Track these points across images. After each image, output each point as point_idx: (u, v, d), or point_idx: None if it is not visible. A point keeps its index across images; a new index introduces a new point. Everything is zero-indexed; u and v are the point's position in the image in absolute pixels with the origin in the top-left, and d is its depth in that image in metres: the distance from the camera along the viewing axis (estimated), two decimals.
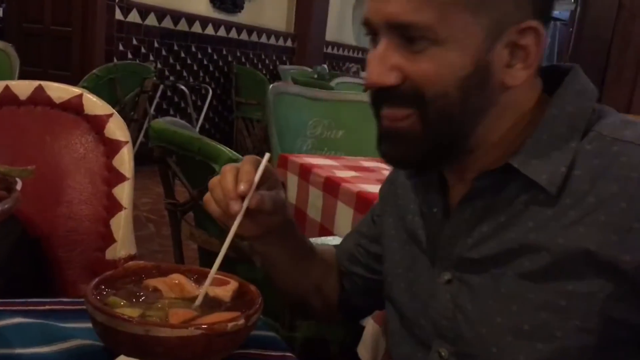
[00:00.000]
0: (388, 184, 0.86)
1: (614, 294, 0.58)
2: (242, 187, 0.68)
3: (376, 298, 0.89)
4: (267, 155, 0.72)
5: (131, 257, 1.04)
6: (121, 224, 1.03)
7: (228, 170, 0.70)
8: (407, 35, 0.62)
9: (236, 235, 0.71)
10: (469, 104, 0.63)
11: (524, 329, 0.62)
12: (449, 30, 0.61)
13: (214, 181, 0.71)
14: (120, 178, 1.04)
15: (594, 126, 0.63)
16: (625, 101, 3.17)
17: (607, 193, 0.59)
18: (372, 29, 0.65)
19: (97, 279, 0.63)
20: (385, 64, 0.63)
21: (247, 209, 0.68)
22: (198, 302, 0.63)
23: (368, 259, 0.88)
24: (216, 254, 1.44)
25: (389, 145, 0.68)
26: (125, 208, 1.04)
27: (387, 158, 0.69)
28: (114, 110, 1.08)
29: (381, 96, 0.65)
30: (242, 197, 0.68)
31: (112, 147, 1.05)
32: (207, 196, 0.72)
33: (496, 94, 0.64)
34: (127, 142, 1.05)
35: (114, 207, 1.04)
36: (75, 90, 1.07)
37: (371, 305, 0.93)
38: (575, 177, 0.61)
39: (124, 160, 1.04)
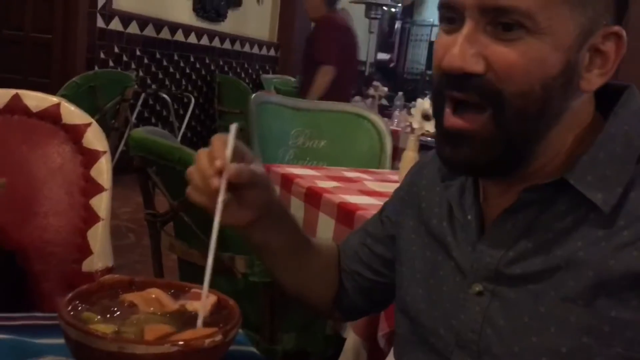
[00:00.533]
0: (408, 187, 0.83)
1: None
2: (217, 162, 0.66)
3: (375, 299, 0.88)
4: (234, 127, 0.69)
5: (108, 269, 1.02)
6: (98, 236, 1.02)
7: (201, 153, 0.70)
8: (502, 21, 0.58)
9: (228, 225, 0.70)
10: (550, 106, 0.60)
11: (561, 351, 0.60)
12: (549, 21, 0.57)
13: (190, 169, 0.70)
14: (97, 189, 1.02)
15: None
16: None
17: None
18: (455, 11, 0.60)
19: (71, 294, 0.61)
20: (472, 48, 0.59)
21: (229, 184, 0.67)
22: (199, 324, 0.61)
23: (371, 259, 0.86)
24: (197, 265, 1.42)
25: (453, 148, 0.63)
26: (102, 219, 1.02)
27: (449, 162, 0.65)
28: (93, 120, 1.07)
29: (456, 84, 0.60)
30: (220, 172, 0.66)
31: (90, 157, 1.03)
32: (189, 188, 0.71)
33: (573, 98, 0.61)
34: (105, 152, 1.04)
35: (91, 218, 1.02)
36: (53, 99, 1.06)
37: (370, 305, 0.91)
38: (631, 199, 0.59)
39: (102, 171, 1.03)
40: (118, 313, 0.62)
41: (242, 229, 0.76)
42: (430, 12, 9.50)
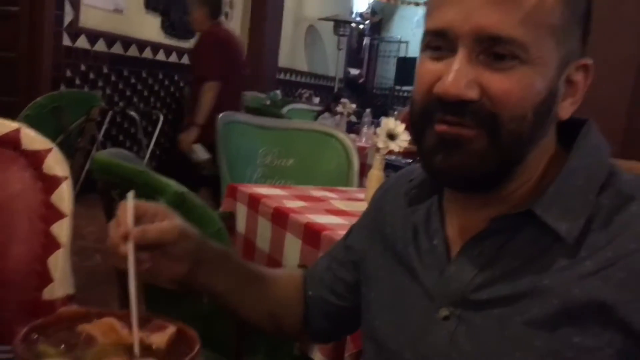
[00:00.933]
0: (373, 212, 0.84)
1: (622, 351, 0.58)
2: (120, 229, 0.69)
3: (342, 323, 0.89)
4: (130, 194, 0.72)
5: (69, 297, 1.00)
6: (59, 263, 1.00)
7: (110, 224, 0.72)
8: (496, 51, 0.60)
9: (167, 284, 0.73)
10: (538, 130, 0.63)
11: None
12: (539, 52, 0.60)
13: (107, 241, 0.72)
14: (58, 215, 1.01)
15: (610, 181, 0.64)
16: None
17: (626, 250, 0.59)
18: (446, 39, 0.62)
19: (27, 327, 0.60)
20: (466, 76, 0.61)
21: (140, 245, 0.69)
22: (136, 350, 0.61)
23: (335, 284, 0.87)
24: (163, 289, 1.41)
25: (447, 154, 0.63)
26: (63, 246, 1.00)
27: (441, 170, 0.65)
28: (54, 145, 1.05)
29: (451, 110, 0.62)
30: (126, 238, 0.69)
31: (50, 183, 1.02)
32: (113, 257, 0.72)
33: (550, 125, 0.65)
34: (66, 178, 1.03)
35: (52, 245, 1.00)
36: (13, 125, 1.04)
37: (337, 329, 0.92)
38: (593, 230, 0.61)
39: (63, 197, 1.01)
40: (75, 346, 0.61)
41: (181, 283, 0.77)
42: (398, 29, 9.64)
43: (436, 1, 0.64)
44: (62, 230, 1.00)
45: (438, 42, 0.63)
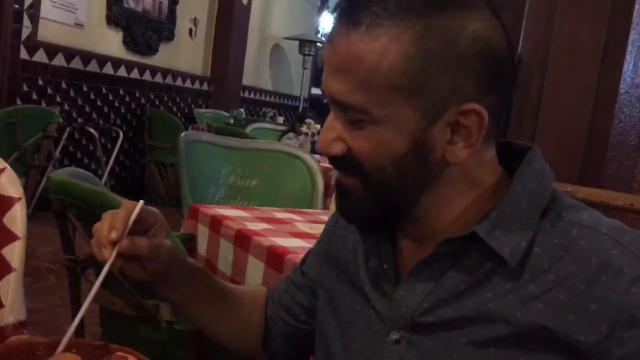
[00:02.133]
0: (327, 237, 0.87)
1: None
2: (113, 234, 0.70)
3: (299, 345, 0.90)
4: (140, 203, 0.73)
5: (20, 323, 0.96)
6: (10, 287, 0.96)
7: (106, 216, 0.72)
8: (348, 114, 0.65)
9: (130, 279, 0.75)
10: (407, 178, 0.66)
11: None
12: (384, 111, 0.63)
13: (96, 226, 0.73)
14: (10, 237, 0.97)
15: (552, 206, 0.65)
16: None
17: (567, 273, 0.61)
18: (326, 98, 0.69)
19: None
20: (332, 134, 0.67)
21: (121, 254, 0.70)
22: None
23: (292, 306, 0.89)
24: (119, 314, 1.36)
25: (339, 199, 0.72)
26: (15, 270, 0.96)
27: (339, 211, 0.74)
28: (7, 165, 1.01)
29: (331, 161, 0.70)
30: (114, 244, 0.70)
31: (3, 204, 0.98)
32: (92, 241, 0.73)
33: (438, 168, 0.66)
34: (19, 199, 0.99)
35: (3, 269, 0.96)
36: None
37: (295, 351, 0.92)
38: (535, 253, 0.63)
39: (16, 219, 0.97)
40: None
41: (145, 285, 0.80)
42: None
43: None
44: (14, 253, 0.96)
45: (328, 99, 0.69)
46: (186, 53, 6.18)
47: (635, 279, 0.59)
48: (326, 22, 9.00)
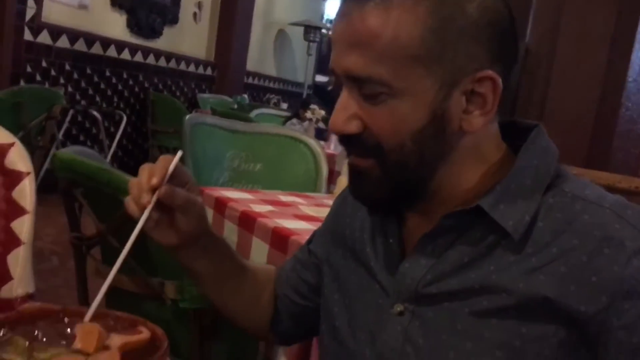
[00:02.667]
0: (334, 216, 0.88)
1: (565, 340, 0.61)
2: (153, 180, 0.70)
3: (306, 323, 0.90)
4: (179, 153, 0.75)
5: (29, 296, 0.97)
6: (19, 261, 0.96)
7: (144, 168, 0.73)
8: (364, 88, 0.65)
9: (155, 241, 0.75)
10: (426, 153, 0.66)
11: None
12: (404, 83, 0.63)
13: (132, 180, 0.74)
14: (20, 211, 0.97)
15: (556, 182, 0.67)
16: None
17: (569, 246, 0.62)
18: (336, 77, 0.68)
19: None
20: (346, 112, 0.66)
21: (160, 202, 0.71)
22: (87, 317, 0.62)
23: (299, 284, 0.89)
24: (125, 292, 1.37)
25: (354, 183, 0.71)
26: (24, 243, 0.97)
27: (353, 195, 0.73)
28: (16, 139, 1.02)
29: (345, 142, 0.69)
30: (154, 190, 0.71)
31: (12, 179, 0.98)
32: (127, 198, 0.74)
33: (455, 139, 0.67)
34: (29, 174, 0.99)
35: (12, 242, 0.96)
36: None
37: (302, 330, 0.93)
38: (538, 227, 0.64)
39: (25, 193, 0.98)
40: (39, 342, 0.59)
41: (167, 249, 0.79)
42: None
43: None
44: (23, 226, 0.97)
45: (336, 79, 0.69)
46: (190, 37, 6.16)
47: (637, 251, 0.60)
48: (331, 8, 8.96)
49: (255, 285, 0.90)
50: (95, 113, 4.80)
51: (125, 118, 5.06)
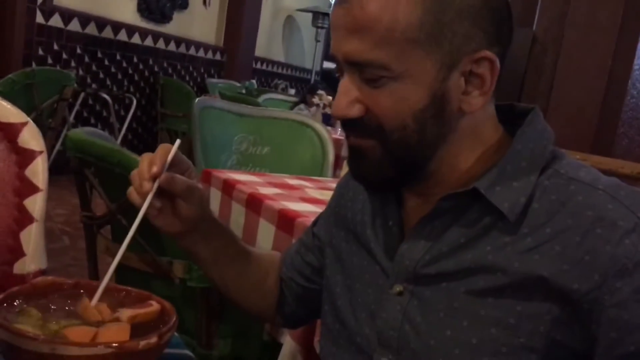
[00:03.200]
0: (337, 199, 0.89)
1: (558, 318, 0.63)
2: (153, 168, 0.72)
3: (311, 305, 0.92)
4: (177, 141, 0.76)
5: (41, 272, 0.99)
6: (32, 237, 0.99)
7: (144, 157, 0.75)
8: (365, 72, 0.66)
9: (158, 229, 0.77)
10: (427, 133, 0.68)
11: (472, 342, 0.66)
12: (404, 66, 0.65)
13: (133, 171, 0.75)
14: (32, 189, 0.99)
15: (551, 164, 0.68)
16: None
17: (563, 226, 0.63)
18: (337, 63, 0.69)
19: (2, 295, 0.61)
20: (348, 97, 0.68)
21: (161, 190, 0.73)
22: (94, 301, 0.64)
23: (303, 267, 0.91)
24: (134, 270, 1.40)
25: (355, 164, 0.73)
26: (36, 220, 0.99)
27: (353, 175, 0.74)
28: (29, 119, 1.04)
29: (346, 125, 0.70)
30: (155, 178, 0.73)
31: (25, 157, 1.00)
32: (130, 188, 0.76)
33: (454, 120, 0.68)
34: (41, 152, 1.01)
35: (25, 219, 0.99)
36: None
37: (307, 312, 0.95)
38: (533, 208, 0.65)
39: (38, 171, 1.00)
40: (51, 314, 0.61)
41: (171, 236, 0.81)
42: None
43: None
44: (35, 204, 0.99)
45: (336, 64, 0.70)
46: (200, 22, 6.16)
47: (629, 230, 0.61)
48: None
49: (259, 269, 0.92)
50: (105, 96, 4.83)
51: (135, 101, 5.09)
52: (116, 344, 0.55)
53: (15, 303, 0.61)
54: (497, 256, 0.65)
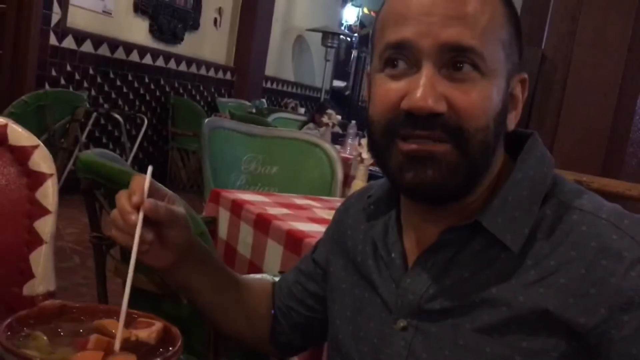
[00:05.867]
0: (336, 226, 0.87)
1: (565, 353, 0.61)
2: (134, 198, 0.70)
3: (310, 334, 0.91)
4: (150, 168, 0.73)
5: (50, 294, 1.00)
6: (41, 259, 1.00)
7: (120, 194, 0.72)
8: (458, 59, 0.63)
9: (150, 266, 0.74)
10: (498, 139, 0.66)
11: None
12: (494, 65, 0.64)
13: (113, 212, 0.73)
14: (42, 211, 1.01)
15: (553, 192, 0.67)
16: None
17: (567, 258, 0.62)
18: (410, 53, 0.64)
19: (10, 319, 0.61)
20: (435, 90, 0.63)
21: (146, 220, 0.70)
22: (116, 346, 0.61)
23: (304, 296, 0.89)
24: (142, 290, 1.41)
25: (421, 171, 0.64)
26: (46, 243, 1.00)
27: (413, 186, 0.66)
28: (40, 142, 1.05)
29: (421, 123, 0.63)
30: (138, 208, 0.69)
31: (36, 180, 1.02)
32: (113, 230, 0.73)
33: (502, 136, 0.68)
34: (52, 175, 1.03)
35: (35, 241, 1.00)
36: (0, 121, 1.04)
37: (305, 341, 0.94)
38: (537, 239, 0.64)
39: (48, 194, 1.01)
40: (60, 339, 0.62)
41: (164, 271, 0.79)
42: None
43: (394, 17, 0.66)
44: (45, 226, 1.00)
45: (399, 56, 0.65)
46: (210, 42, 6.23)
47: (634, 262, 0.60)
48: (349, 14, 8.99)
49: (251, 297, 0.90)
50: (117, 116, 4.87)
51: (146, 121, 5.13)
52: None
53: (23, 327, 0.62)
54: (501, 289, 0.64)
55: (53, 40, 4.39)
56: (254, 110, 5.63)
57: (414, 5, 0.64)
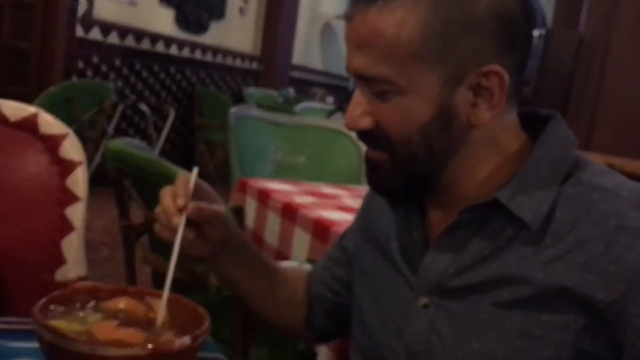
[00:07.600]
0: (364, 212, 0.90)
1: (584, 328, 0.63)
2: (179, 201, 0.73)
3: (340, 320, 0.92)
4: (195, 169, 0.77)
5: (81, 279, 1.02)
6: (72, 246, 1.01)
7: (165, 192, 0.76)
8: (372, 86, 0.68)
9: (190, 257, 0.77)
10: (434, 146, 0.69)
11: (498, 354, 0.66)
12: (408, 80, 0.66)
13: (157, 209, 0.76)
14: (73, 199, 1.02)
15: (574, 171, 0.67)
16: (583, 136, 3.23)
17: (586, 236, 0.63)
18: (351, 76, 0.72)
19: (45, 299, 0.63)
20: (359, 109, 0.70)
21: (188, 220, 0.73)
22: (159, 323, 0.64)
23: (332, 282, 0.91)
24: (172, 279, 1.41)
25: (369, 175, 0.75)
26: (76, 229, 1.01)
27: (369, 185, 0.76)
28: (70, 130, 1.06)
29: (361, 137, 0.72)
30: (181, 210, 0.73)
31: (66, 168, 1.03)
32: (156, 225, 0.76)
33: (464, 133, 0.69)
34: (81, 163, 1.04)
35: (66, 228, 1.01)
36: (31, 109, 1.05)
37: (337, 327, 0.95)
38: (556, 217, 0.65)
39: (78, 181, 1.02)
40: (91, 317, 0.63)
41: (203, 261, 0.82)
42: None
43: None
44: (76, 213, 1.01)
45: (352, 78, 0.72)
46: (236, 31, 6.23)
47: None
48: None
49: (287, 283, 0.93)
50: (143, 108, 4.92)
51: (172, 113, 5.17)
52: (152, 345, 0.57)
53: (57, 306, 0.64)
54: (521, 267, 0.65)
55: (80, 32, 4.44)
56: (281, 100, 5.63)
57: (345, 34, 0.70)
